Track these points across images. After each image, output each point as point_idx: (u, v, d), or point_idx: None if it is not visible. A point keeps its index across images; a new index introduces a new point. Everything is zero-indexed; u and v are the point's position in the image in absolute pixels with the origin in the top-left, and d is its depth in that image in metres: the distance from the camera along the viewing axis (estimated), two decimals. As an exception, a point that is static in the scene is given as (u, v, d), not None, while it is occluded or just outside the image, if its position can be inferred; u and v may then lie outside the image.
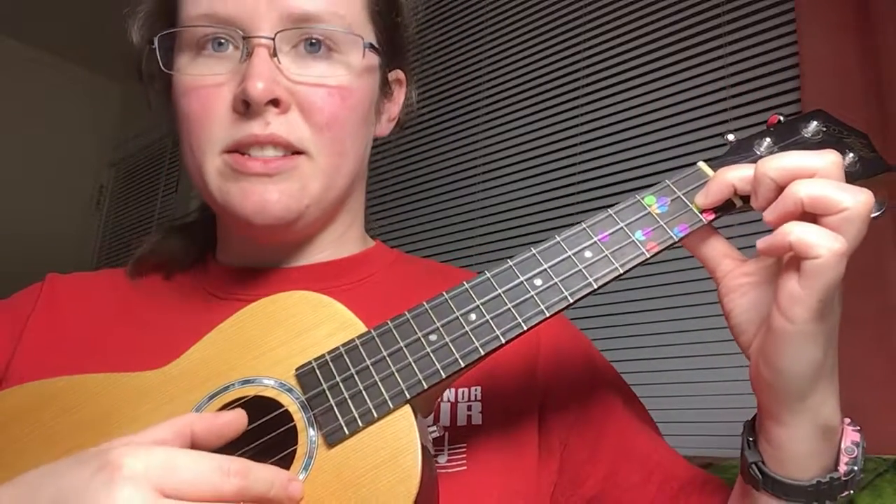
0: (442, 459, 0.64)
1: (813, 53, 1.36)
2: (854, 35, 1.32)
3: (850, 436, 0.57)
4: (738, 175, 0.55)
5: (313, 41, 0.67)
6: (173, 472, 0.42)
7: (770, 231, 0.52)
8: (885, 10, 1.27)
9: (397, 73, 0.80)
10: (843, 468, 0.56)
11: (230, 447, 0.54)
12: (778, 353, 0.52)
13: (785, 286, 0.50)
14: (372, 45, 0.71)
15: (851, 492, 0.56)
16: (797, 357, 0.51)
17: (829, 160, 0.51)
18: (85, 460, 0.43)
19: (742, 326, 0.57)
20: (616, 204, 0.58)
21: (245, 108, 0.65)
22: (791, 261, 0.50)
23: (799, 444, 0.55)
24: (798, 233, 0.48)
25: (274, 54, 0.65)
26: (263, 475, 0.46)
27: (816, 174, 0.51)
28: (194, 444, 0.49)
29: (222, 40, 0.67)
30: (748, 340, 0.56)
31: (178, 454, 0.43)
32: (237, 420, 0.52)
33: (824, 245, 0.48)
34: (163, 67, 0.69)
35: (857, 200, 0.49)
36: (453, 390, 0.68)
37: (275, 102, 0.65)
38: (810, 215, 0.50)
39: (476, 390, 0.68)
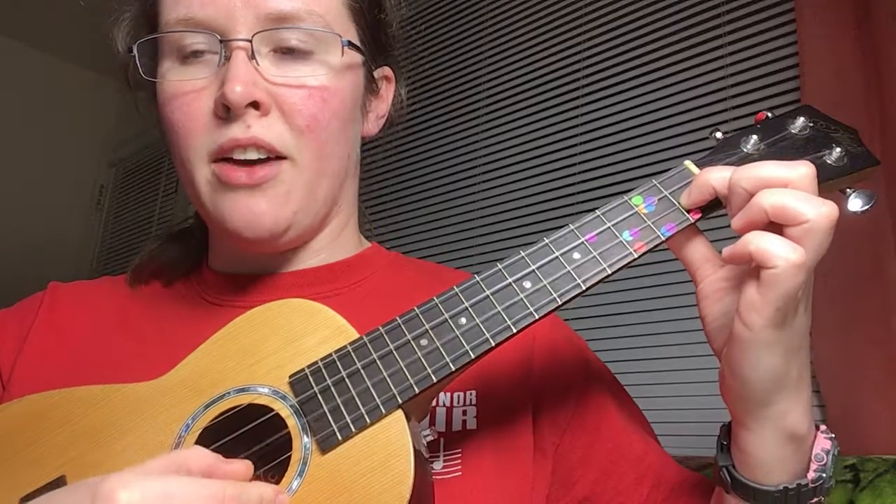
0: (437, 466, 0.64)
1: (813, 53, 1.36)
2: (854, 35, 1.32)
3: (822, 443, 0.57)
4: (717, 177, 0.55)
5: (291, 42, 0.67)
6: (169, 502, 0.41)
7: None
8: (885, 10, 1.27)
9: (384, 71, 0.79)
10: (811, 475, 0.56)
11: (226, 455, 0.54)
12: (738, 360, 0.53)
13: (745, 294, 0.51)
14: (351, 43, 0.70)
15: (822, 498, 0.57)
16: (756, 364, 0.52)
17: (801, 172, 0.52)
18: (80, 492, 0.43)
19: (715, 332, 0.57)
20: (604, 204, 0.58)
21: (226, 112, 0.64)
22: (754, 269, 0.51)
23: (764, 449, 0.55)
24: (757, 242, 0.49)
25: (252, 56, 0.65)
26: (255, 493, 0.46)
27: (788, 185, 0.51)
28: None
29: (201, 45, 0.67)
30: (720, 346, 0.57)
31: (172, 483, 0.43)
32: (241, 472, 0.50)
33: (781, 255, 0.48)
34: (143, 75, 0.69)
35: (820, 213, 0.49)
36: (448, 394, 0.68)
37: (255, 105, 0.65)
38: (777, 225, 0.50)
39: (471, 394, 0.68)
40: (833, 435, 0.58)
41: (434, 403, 0.67)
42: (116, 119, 3.50)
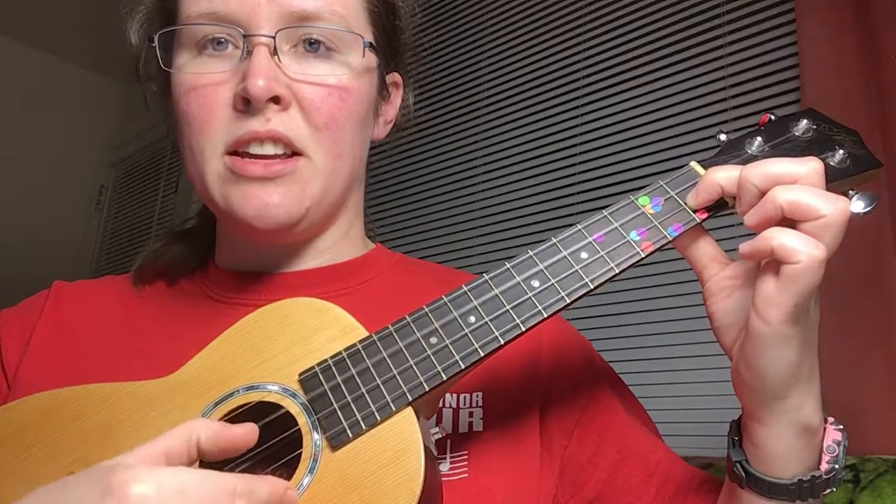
0: (444, 467, 0.64)
1: (813, 53, 1.36)
2: (854, 35, 1.32)
3: (832, 435, 0.58)
4: (724, 176, 0.56)
5: (313, 40, 0.67)
6: (182, 496, 0.41)
7: (753, 235, 0.53)
8: (885, 10, 1.27)
9: (394, 76, 0.80)
10: (824, 466, 0.57)
11: (237, 454, 0.54)
12: (755, 355, 0.53)
13: (762, 289, 0.51)
14: (371, 45, 0.71)
15: (833, 489, 0.57)
16: (773, 358, 0.52)
17: (811, 168, 0.52)
18: (93, 480, 0.42)
19: (724, 329, 0.58)
20: (610, 205, 0.59)
21: (245, 105, 0.65)
22: (769, 264, 0.51)
23: (779, 443, 0.56)
24: (780, 238, 0.50)
25: (274, 53, 0.65)
26: (265, 488, 0.46)
27: (798, 181, 0.52)
28: (200, 452, 0.48)
29: (222, 39, 0.67)
30: (730, 342, 0.57)
31: (186, 476, 0.43)
32: (245, 436, 0.50)
33: (804, 251, 0.49)
34: (163, 66, 0.69)
35: (836, 208, 0.50)
36: (455, 396, 0.68)
37: (275, 100, 0.65)
38: (789, 221, 0.51)
39: (478, 396, 0.68)
40: (842, 426, 0.59)
41: (440, 405, 0.67)
42: (116, 119, 3.49)
